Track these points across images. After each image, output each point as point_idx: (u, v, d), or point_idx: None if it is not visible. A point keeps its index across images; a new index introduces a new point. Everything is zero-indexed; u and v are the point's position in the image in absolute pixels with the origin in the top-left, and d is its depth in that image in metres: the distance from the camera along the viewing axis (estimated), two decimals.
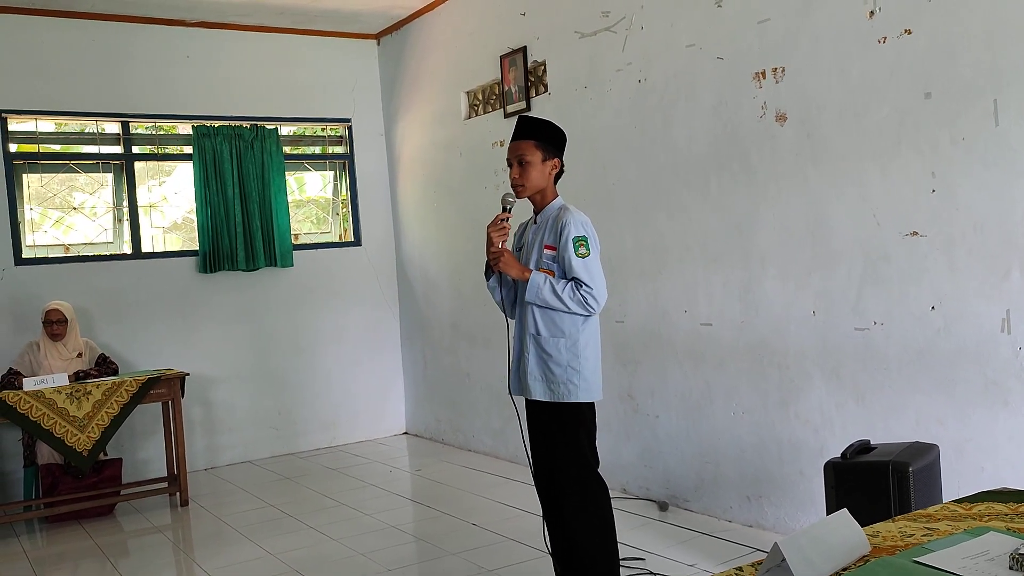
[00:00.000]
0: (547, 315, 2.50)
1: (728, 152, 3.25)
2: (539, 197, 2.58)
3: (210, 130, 4.89)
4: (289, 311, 5.21)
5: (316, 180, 5.58)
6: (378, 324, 5.52)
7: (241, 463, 5.02)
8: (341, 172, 5.52)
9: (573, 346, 2.48)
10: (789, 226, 3.05)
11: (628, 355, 3.75)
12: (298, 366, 5.24)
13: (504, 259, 2.51)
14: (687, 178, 3.43)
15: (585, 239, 2.44)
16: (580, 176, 3.85)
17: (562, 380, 2.47)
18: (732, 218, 3.25)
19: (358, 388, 5.43)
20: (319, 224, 5.59)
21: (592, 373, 2.49)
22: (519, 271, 2.51)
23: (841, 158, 2.86)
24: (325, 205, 5.59)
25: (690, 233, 3.43)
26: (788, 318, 3.07)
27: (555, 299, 2.45)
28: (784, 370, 3.10)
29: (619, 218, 3.77)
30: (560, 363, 2.48)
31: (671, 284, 3.53)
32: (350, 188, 5.48)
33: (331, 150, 5.51)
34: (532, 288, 2.47)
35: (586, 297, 2.43)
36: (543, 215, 2.59)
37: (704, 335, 3.39)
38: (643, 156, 3.63)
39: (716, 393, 3.37)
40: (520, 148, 2.55)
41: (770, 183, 3.10)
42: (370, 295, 5.50)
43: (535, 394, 2.51)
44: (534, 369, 2.52)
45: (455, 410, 5.10)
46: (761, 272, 3.15)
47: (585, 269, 2.43)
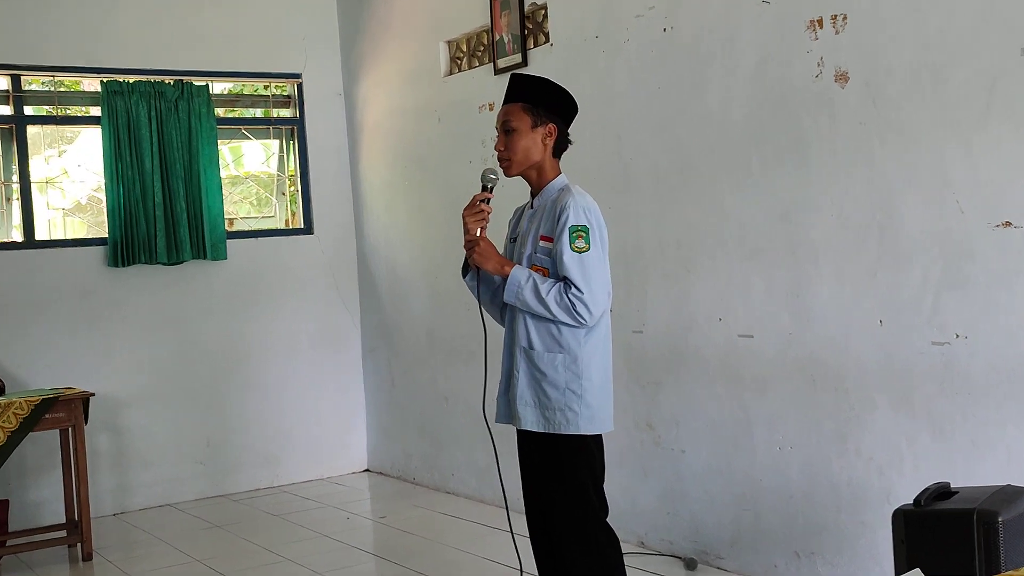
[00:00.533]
0: (542, 324, 2.50)
1: (774, 122, 3.25)
2: (535, 175, 2.58)
3: (123, 87, 4.87)
4: (221, 316, 5.21)
5: (257, 151, 5.56)
6: (334, 333, 5.52)
7: (160, 506, 5.02)
8: (288, 141, 5.51)
9: (573, 363, 2.47)
10: (849, 214, 3.05)
11: (647, 374, 3.75)
12: (233, 385, 5.23)
13: (479, 249, 2.51)
14: (722, 154, 3.43)
15: (585, 230, 2.43)
16: (588, 151, 3.85)
17: (559, 406, 2.47)
18: (778, 204, 3.26)
19: (308, 413, 5.42)
20: (260, 206, 5.58)
21: (598, 398, 2.49)
22: (496, 264, 2.51)
23: (915, 130, 2.87)
24: (268, 183, 5.58)
25: (725, 223, 3.43)
26: (847, 329, 3.07)
27: (536, 302, 2.45)
28: (842, 394, 3.10)
29: (637, 204, 3.77)
30: (557, 384, 2.47)
31: (701, 286, 3.53)
32: (299, 161, 5.46)
33: (276, 114, 5.49)
34: (511, 286, 2.47)
35: (574, 303, 2.42)
36: (541, 198, 2.59)
37: (742, 349, 3.39)
38: (668, 126, 3.63)
39: (757, 422, 3.37)
40: (505, 113, 2.55)
41: (826, 161, 3.11)
42: (324, 296, 5.49)
43: (525, 423, 2.51)
44: (524, 392, 2.51)
45: (430, 442, 5.09)
46: (814, 272, 3.16)
47: (579, 267, 2.42)
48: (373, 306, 5.49)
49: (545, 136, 2.55)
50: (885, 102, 2.93)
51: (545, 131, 2.54)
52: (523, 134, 2.52)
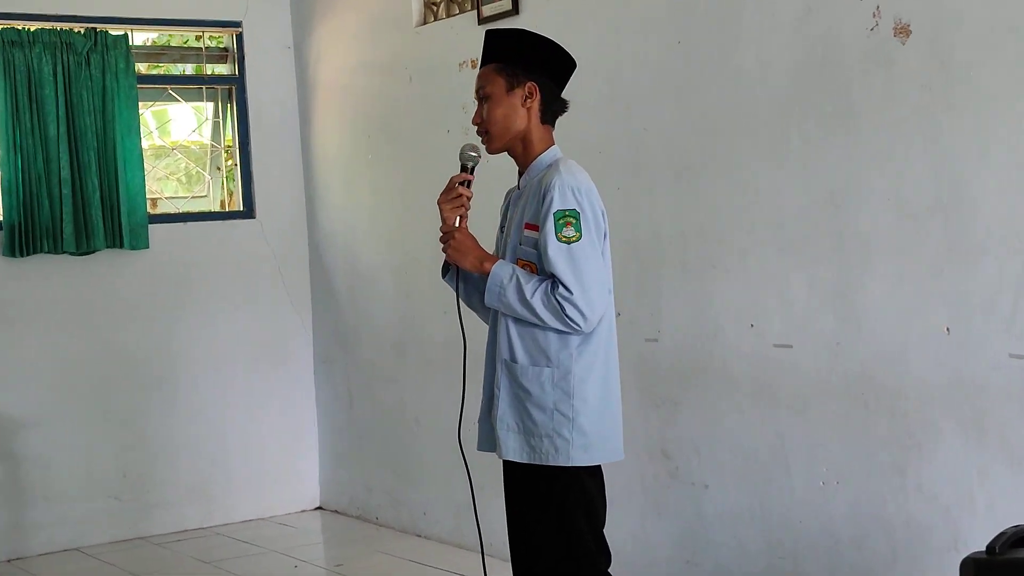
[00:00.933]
0: (526, 331, 2.51)
1: (819, 86, 3.24)
2: (520, 148, 2.59)
3: (23, 36, 4.82)
4: (142, 318, 5.17)
5: (187, 116, 5.50)
6: (280, 340, 5.49)
7: (65, 551, 4.96)
8: (226, 104, 5.47)
9: (563, 379, 2.48)
10: (909, 198, 3.04)
11: (662, 391, 3.75)
12: (155, 403, 5.19)
13: (455, 242, 2.54)
14: (756, 125, 3.42)
15: (575, 215, 2.43)
16: (591, 121, 3.83)
17: (546, 432, 2.47)
18: (823, 186, 3.25)
19: (247, 438, 5.38)
20: (190, 184, 5.52)
21: (595, 422, 2.49)
22: (475, 260, 2.54)
23: (991, 97, 2.86)
24: (200, 155, 5.53)
25: (759, 208, 3.43)
26: (906, 338, 3.07)
27: (521, 305, 2.46)
28: (899, 417, 3.10)
29: (651, 185, 3.76)
30: (543, 405, 2.48)
31: (729, 285, 3.53)
32: (239, 130, 5.43)
33: (211, 70, 5.44)
34: (492, 286, 2.50)
35: (563, 305, 2.42)
36: (527, 176, 2.60)
37: (779, 362, 3.39)
38: (689, 91, 3.61)
39: (795, 451, 3.36)
40: (480, 78, 2.57)
41: (881, 133, 3.10)
42: (268, 295, 5.46)
43: (507, 451, 2.52)
44: (506, 414, 2.52)
45: (397, 474, 5.07)
46: (865, 268, 3.15)
47: (568, 261, 2.42)
48: (328, 308, 5.46)
49: (525, 98, 2.54)
50: (954, 62, 2.92)
51: (524, 92, 2.54)
52: (498, 100, 2.53)
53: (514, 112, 2.53)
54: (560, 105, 2.61)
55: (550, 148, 2.59)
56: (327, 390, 5.50)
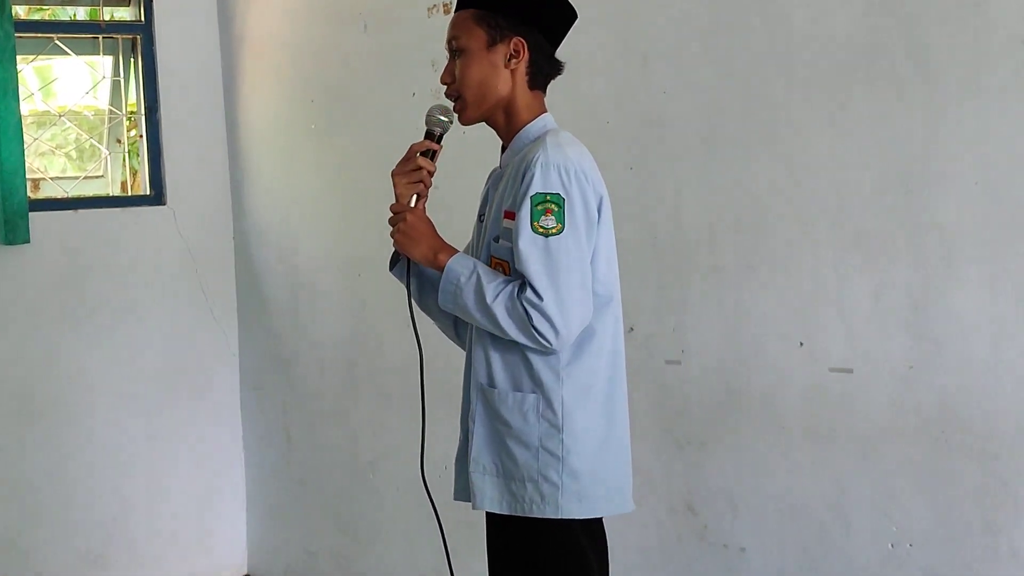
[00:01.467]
0: (508, 347, 2.53)
1: (890, 37, 3.24)
2: (502, 118, 2.64)
3: None
4: (19, 333, 5.16)
5: (79, 74, 5.50)
6: (197, 361, 5.50)
7: None
8: (128, 60, 5.48)
9: (549, 409, 2.50)
10: (1003, 183, 3.04)
11: (687, 429, 3.75)
12: (35, 443, 5.18)
13: (405, 224, 2.60)
14: (808, 86, 3.42)
15: (557, 200, 2.45)
16: (596, 80, 3.84)
17: (529, 475, 2.50)
18: (894, 165, 3.25)
19: (153, 487, 5.39)
20: (82, 160, 5.54)
21: (591, 462, 2.52)
22: (427, 250, 2.58)
23: None
24: (95, 124, 5.53)
25: (812, 193, 3.43)
26: (999, 362, 3.07)
27: (478, 310, 2.48)
28: (991, 462, 3.10)
29: (673, 163, 3.77)
30: (526, 441, 2.51)
31: (772, 292, 3.54)
32: (145, 92, 5.44)
33: (109, 16, 5.44)
34: (447, 284, 2.54)
35: (529, 313, 2.43)
36: (511, 151, 2.65)
37: (836, 392, 3.40)
38: (722, 42, 3.62)
39: (857, 504, 3.37)
40: (453, 26, 2.62)
41: (967, 97, 3.09)
42: (182, 303, 5.47)
43: (482, 500, 2.56)
44: (482, 452, 2.56)
45: (347, 532, 5.06)
46: (947, 272, 3.16)
47: (543, 258, 2.43)
48: (259, 320, 5.46)
49: (509, 56, 2.57)
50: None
51: (508, 49, 2.57)
52: (475, 57, 2.56)
53: (494, 74, 2.57)
54: (554, 67, 2.64)
55: (539, 117, 2.62)
56: (257, 426, 5.49)
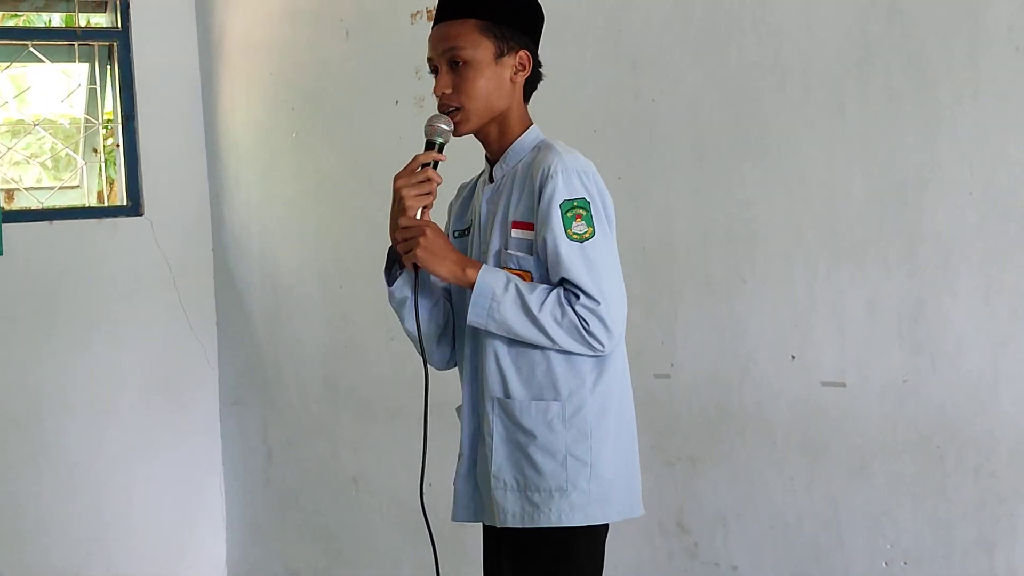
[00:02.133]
0: (522, 356, 2.55)
1: (886, 43, 3.23)
2: (495, 131, 2.63)
3: None
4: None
5: (54, 82, 5.49)
6: (176, 375, 5.50)
7: None
8: (105, 67, 5.47)
9: (577, 415, 2.52)
10: (1001, 193, 3.03)
11: (677, 444, 3.75)
12: (7, 459, 5.17)
13: (425, 242, 2.54)
14: (802, 95, 3.42)
15: (584, 204, 2.49)
16: (583, 89, 3.85)
17: (556, 484, 2.52)
18: (890, 175, 3.24)
19: (131, 504, 5.38)
20: (58, 170, 5.54)
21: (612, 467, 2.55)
22: (453, 266, 2.55)
23: None
24: (71, 132, 5.53)
25: (805, 203, 3.43)
26: (994, 376, 3.06)
27: (525, 322, 2.49)
28: (988, 479, 3.08)
29: (663, 173, 3.76)
30: (553, 450, 2.52)
31: (764, 304, 3.53)
32: (122, 100, 5.44)
33: (86, 22, 5.42)
34: (480, 299, 2.51)
35: (585, 320, 2.47)
36: (504, 165, 2.64)
37: (829, 406, 3.39)
38: (715, 49, 3.61)
39: (851, 522, 3.36)
40: (447, 36, 2.58)
41: (964, 105, 3.09)
42: (160, 316, 5.47)
43: (505, 517, 2.55)
44: (503, 468, 2.56)
45: (329, 551, 5.07)
46: (943, 281, 3.15)
47: (584, 262, 2.48)
48: (239, 333, 5.46)
49: (516, 70, 2.59)
50: None
51: (516, 62, 2.58)
52: (482, 69, 2.56)
53: (500, 87, 2.57)
54: (539, 76, 2.67)
55: (530, 129, 2.64)
56: (237, 441, 5.49)
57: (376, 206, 4.71)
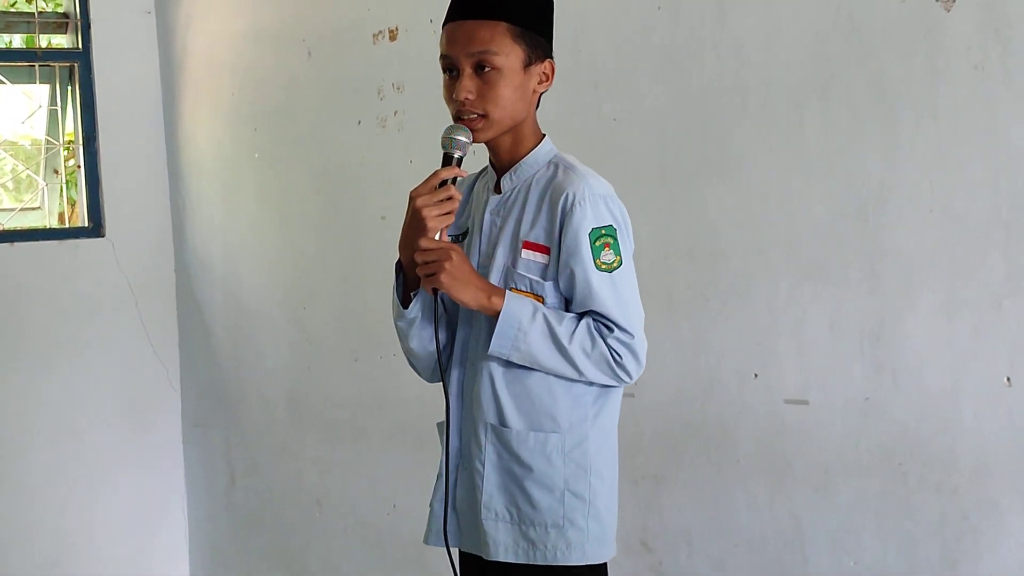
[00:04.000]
0: (519, 383, 2.48)
1: (844, 63, 3.25)
2: (508, 141, 2.56)
3: None
4: None
5: (14, 102, 5.53)
6: (137, 398, 5.50)
7: None
8: (66, 88, 5.48)
9: (578, 449, 2.49)
10: (960, 208, 3.05)
11: (641, 463, 3.74)
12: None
13: (451, 267, 2.44)
14: (763, 114, 3.43)
15: (612, 233, 2.46)
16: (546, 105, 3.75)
17: (553, 520, 2.47)
18: (850, 193, 3.26)
19: (94, 530, 5.37)
20: (18, 192, 5.56)
21: (611, 504, 2.55)
22: (478, 292, 2.45)
23: None
24: (32, 154, 5.54)
25: (767, 222, 3.43)
26: (957, 390, 3.07)
27: (552, 354, 2.43)
28: (950, 496, 3.09)
29: (626, 192, 3.63)
30: (551, 485, 2.47)
31: (728, 322, 3.54)
32: (83, 121, 5.45)
33: (46, 43, 5.46)
34: (506, 328, 2.43)
35: (619, 352, 2.44)
36: (515, 177, 2.57)
37: (792, 423, 3.40)
38: (676, 68, 3.63)
39: (815, 539, 3.36)
40: (481, 39, 2.48)
41: (924, 125, 3.10)
42: (121, 338, 5.47)
43: (496, 550, 2.49)
44: (494, 498, 2.50)
45: (293, 572, 5.09)
46: (905, 300, 3.16)
47: (614, 295, 2.44)
48: (202, 355, 5.46)
49: (541, 80, 2.55)
50: (1015, 33, 2.92)
51: (542, 71, 2.54)
52: (512, 76, 2.48)
53: (524, 96, 2.51)
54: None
55: (544, 141, 2.59)
56: (200, 463, 5.49)
57: (340, 226, 4.74)
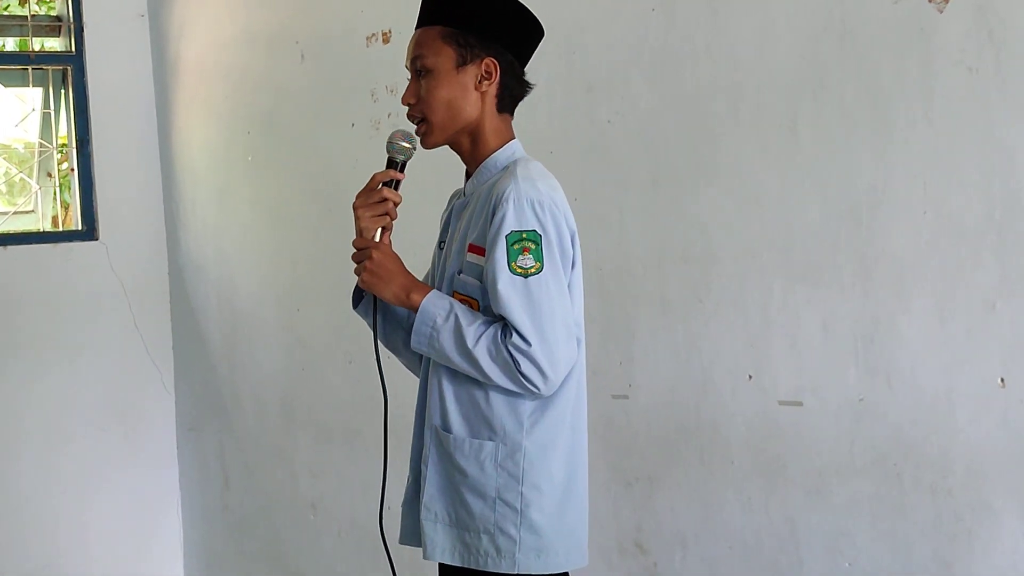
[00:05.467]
0: (463, 389, 2.49)
1: (837, 66, 3.25)
2: (468, 143, 2.58)
3: None
4: None
5: (8, 106, 5.52)
6: (131, 401, 5.49)
7: None
8: (59, 91, 5.48)
9: (510, 459, 2.46)
10: (953, 210, 3.05)
11: (635, 465, 3.74)
12: None
13: (372, 263, 2.50)
14: (756, 117, 3.43)
15: (534, 237, 2.41)
16: (539, 108, 3.81)
17: (485, 527, 2.46)
18: (843, 196, 3.26)
19: (87, 534, 5.37)
20: (12, 195, 5.56)
21: (552, 516, 2.48)
22: (398, 289, 2.50)
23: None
24: (25, 157, 5.54)
25: (760, 225, 3.44)
26: (951, 394, 3.07)
27: (459, 355, 2.43)
28: (945, 497, 3.09)
29: (619, 194, 3.76)
30: (483, 491, 2.46)
31: (720, 324, 3.54)
32: (77, 124, 5.45)
33: (40, 46, 5.43)
34: (422, 326, 2.46)
35: (517, 360, 2.39)
36: (477, 179, 2.60)
37: (786, 425, 3.39)
38: (669, 71, 3.63)
39: (809, 541, 3.36)
40: (418, 44, 2.54)
41: (917, 127, 3.10)
42: (115, 341, 5.47)
43: (433, 550, 2.52)
44: (434, 499, 2.52)
45: (287, 575, 5.08)
46: (898, 302, 3.16)
47: (523, 300, 2.39)
48: (195, 358, 5.46)
49: (480, 78, 2.52)
50: (1008, 35, 2.92)
51: (479, 70, 2.52)
52: (443, 78, 2.50)
53: (464, 96, 2.51)
54: (522, 88, 2.61)
55: (508, 144, 2.58)
56: (194, 467, 5.48)
57: (333, 228, 4.73)
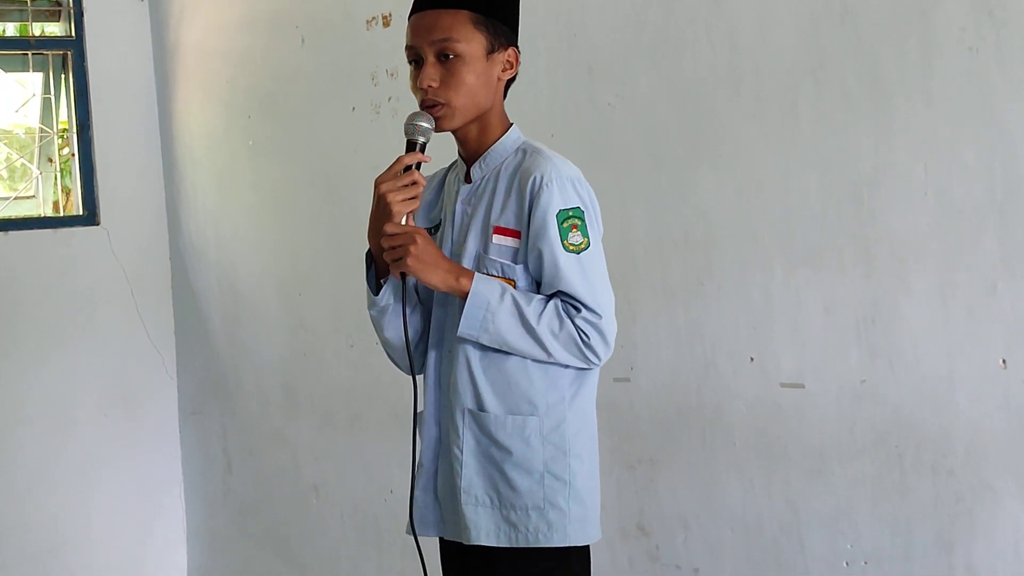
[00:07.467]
0: (496, 367, 2.48)
1: (838, 48, 3.24)
2: (475, 130, 2.57)
3: None
4: None
5: (9, 91, 5.52)
6: (133, 386, 5.49)
7: None
8: (59, 76, 5.47)
9: (555, 432, 2.48)
10: (955, 194, 3.05)
11: (637, 448, 3.75)
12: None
13: (416, 250, 2.45)
14: (756, 96, 3.43)
15: (579, 214, 2.46)
16: (539, 92, 3.85)
17: (534, 503, 2.47)
18: (844, 178, 3.26)
19: (90, 518, 5.36)
20: (13, 180, 5.56)
21: (591, 487, 2.52)
22: (446, 274, 2.47)
23: None
24: (26, 142, 5.53)
25: (761, 208, 3.43)
26: (952, 374, 3.07)
27: (520, 334, 2.43)
28: (946, 478, 3.09)
29: (621, 178, 3.76)
30: (530, 467, 2.47)
31: (723, 307, 3.54)
32: (77, 109, 5.45)
33: (39, 31, 5.43)
34: (474, 309, 2.44)
35: (586, 332, 2.44)
36: (484, 166, 2.59)
37: (788, 407, 3.40)
38: (670, 53, 3.62)
39: (811, 523, 3.36)
40: (442, 27, 2.49)
41: (917, 109, 3.10)
42: (117, 326, 5.46)
43: (478, 534, 2.49)
44: (473, 482, 2.50)
45: (289, 561, 5.08)
46: (899, 284, 3.16)
47: (582, 275, 2.44)
48: (198, 342, 5.46)
49: (505, 68, 2.55)
50: (1009, 15, 2.91)
51: (505, 59, 2.54)
52: (473, 63, 2.49)
53: (487, 83, 2.52)
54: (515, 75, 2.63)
55: (511, 129, 2.59)
56: (196, 451, 5.48)
57: (334, 212, 4.73)
